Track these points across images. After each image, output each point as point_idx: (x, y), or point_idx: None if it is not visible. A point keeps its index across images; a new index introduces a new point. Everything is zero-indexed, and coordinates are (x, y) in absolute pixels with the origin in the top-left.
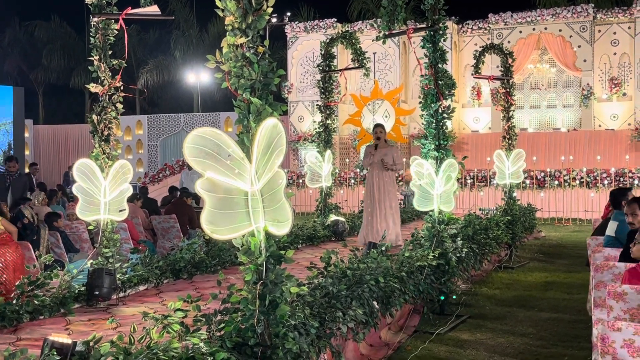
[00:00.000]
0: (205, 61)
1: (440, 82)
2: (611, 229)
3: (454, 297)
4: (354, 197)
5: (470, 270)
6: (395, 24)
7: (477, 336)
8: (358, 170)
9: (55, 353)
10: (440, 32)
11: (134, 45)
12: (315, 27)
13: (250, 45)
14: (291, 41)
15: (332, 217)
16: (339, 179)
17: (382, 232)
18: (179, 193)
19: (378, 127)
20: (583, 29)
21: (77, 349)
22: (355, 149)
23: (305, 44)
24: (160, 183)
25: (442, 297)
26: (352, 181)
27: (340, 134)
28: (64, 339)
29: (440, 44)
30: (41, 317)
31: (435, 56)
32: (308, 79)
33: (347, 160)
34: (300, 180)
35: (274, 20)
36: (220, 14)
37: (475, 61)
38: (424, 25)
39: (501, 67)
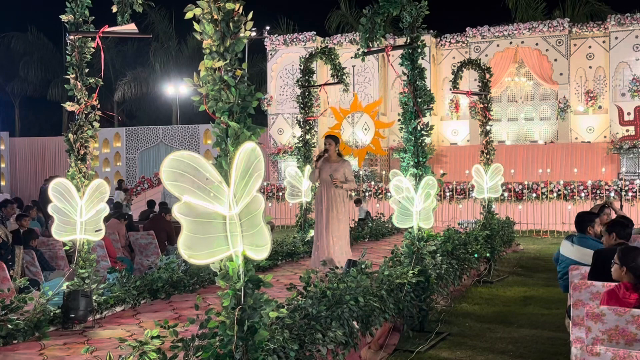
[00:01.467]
0: (184, 73)
1: (419, 100)
2: (580, 253)
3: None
4: None
5: (450, 286)
6: (374, 42)
7: (456, 354)
8: None
9: None
10: (419, 50)
11: (112, 57)
12: (295, 40)
13: (228, 68)
14: (270, 54)
15: (312, 233)
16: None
17: (334, 254)
18: (157, 208)
19: (328, 138)
20: (559, 42)
21: None
22: None
23: (285, 56)
24: (138, 196)
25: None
26: None
27: (319, 147)
28: None
29: (419, 61)
30: (15, 342)
31: (414, 74)
32: (287, 91)
33: None
34: (280, 193)
35: (253, 34)
36: (198, 37)
37: (453, 76)
38: (403, 43)
39: (479, 82)
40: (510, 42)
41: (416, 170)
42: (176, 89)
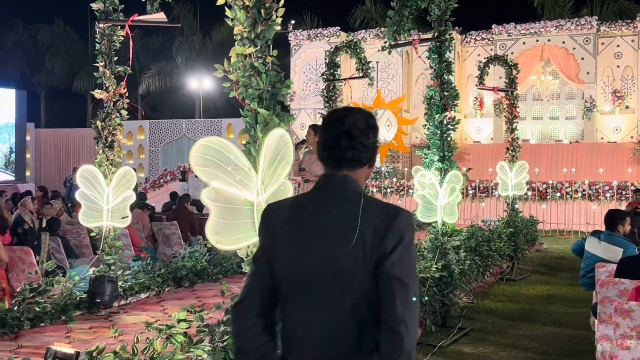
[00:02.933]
0: (208, 67)
1: (445, 94)
2: (607, 250)
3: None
4: None
5: (473, 283)
6: (401, 35)
7: (479, 350)
8: None
9: None
10: (447, 43)
11: (137, 50)
12: (319, 35)
13: (259, 55)
14: (294, 49)
15: None
16: None
17: None
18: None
19: (310, 127)
20: (587, 41)
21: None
22: None
23: (309, 52)
24: (161, 189)
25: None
26: None
27: None
28: (66, 349)
29: (446, 55)
30: (42, 325)
31: (441, 67)
32: (310, 86)
33: None
34: (300, 188)
35: (277, 27)
36: (230, 23)
37: (479, 73)
38: (430, 36)
39: (505, 78)
40: (537, 40)
41: (441, 164)
42: (200, 82)
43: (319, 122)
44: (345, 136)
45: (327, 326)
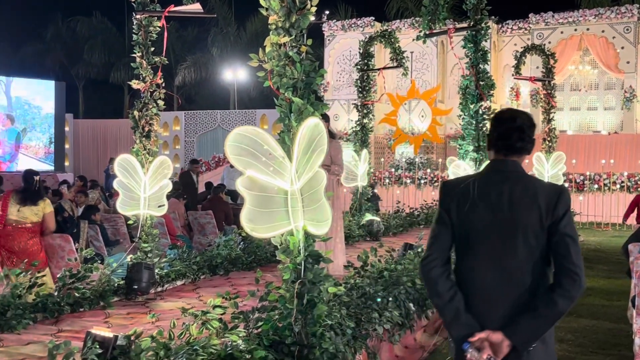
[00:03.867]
0: (243, 58)
1: (481, 83)
2: None
3: None
4: (389, 197)
5: None
6: (436, 24)
7: None
8: (393, 170)
9: (97, 346)
10: (482, 32)
11: (172, 42)
12: (353, 25)
13: (293, 44)
14: (328, 39)
15: (368, 217)
16: (374, 178)
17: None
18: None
19: None
20: (627, 30)
21: (118, 343)
22: (390, 149)
23: (342, 42)
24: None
25: None
26: (387, 181)
27: (375, 133)
28: (105, 332)
29: (482, 44)
30: (81, 310)
31: (476, 56)
32: (344, 77)
33: (382, 159)
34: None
35: (311, 17)
36: (264, 12)
37: (515, 62)
38: (466, 25)
39: (542, 68)
40: (575, 29)
41: (476, 154)
42: (234, 74)
43: (353, 113)
44: (517, 132)
45: (508, 270)
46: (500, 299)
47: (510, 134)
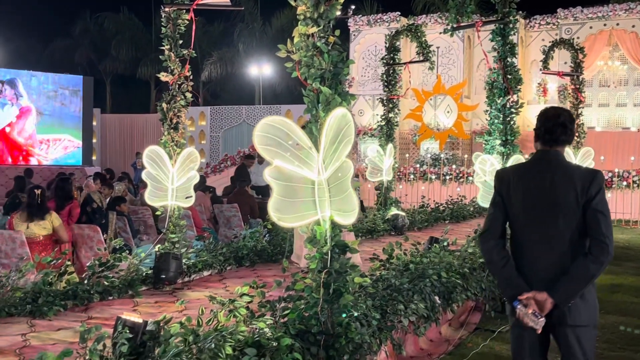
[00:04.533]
0: (268, 54)
1: (508, 77)
2: None
3: None
4: (413, 192)
5: None
6: (464, 17)
7: None
8: (418, 165)
9: (127, 331)
10: (511, 25)
11: (199, 37)
12: (379, 20)
13: (321, 35)
14: (354, 35)
15: (393, 211)
16: (398, 173)
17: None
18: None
19: None
20: None
21: (148, 328)
22: (415, 144)
23: (368, 37)
24: (221, 173)
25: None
26: (412, 176)
27: (400, 128)
28: (135, 318)
29: (510, 38)
30: (110, 298)
31: (504, 49)
32: (369, 72)
33: (407, 155)
34: (358, 174)
35: (339, 7)
36: (293, 3)
37: (543, 56)
38: (494, 18)
39: (571, 63)
40: (605, 24)
41: (504, 148)
42: (260, 69)
43: (378, 109)
44: (561, 127)
45: (551, 242)
46: (545, 265)
47: (555, 129)
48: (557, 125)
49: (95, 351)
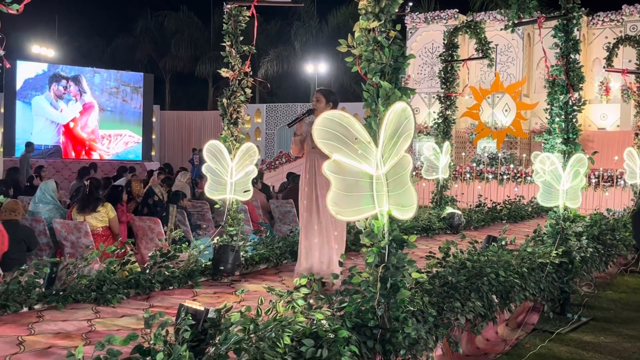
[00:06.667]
0: (324, 52)
1: (571, 74)
2: None
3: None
4: (469, 192)
5: (594, 272)
6: (525, 13)
7: (600, 339)
8: (474, 164)
9: (190, 318)
10: (574, 20)
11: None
12: (436, 17)
13: (382, 29)
14: (410, 32)
15: (448, 210)
16: (454, 172)
17: (327, 261)
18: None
19: (317, 93)
20: None
21: (209, 316)
22: (471, 143)
23: (425, 35)
24: (276, 170)
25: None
26: (468, 175)
27: (456, 127)
28: (197, 306)
29: (574, 33)
30: (171, 288)
31: (567, 45)
32: (426, 70)
33: (463, 154)
34: (413, 173)
35: (400, 2)
36: None
37: (607, 54)
38: (557, 14)
39: (636, 60)
40: None
41: (565, 147)
42: (315, 67)
43: (434, 107)
44: None
45: None
46: None
47: None
48: None
49: (160, 336)
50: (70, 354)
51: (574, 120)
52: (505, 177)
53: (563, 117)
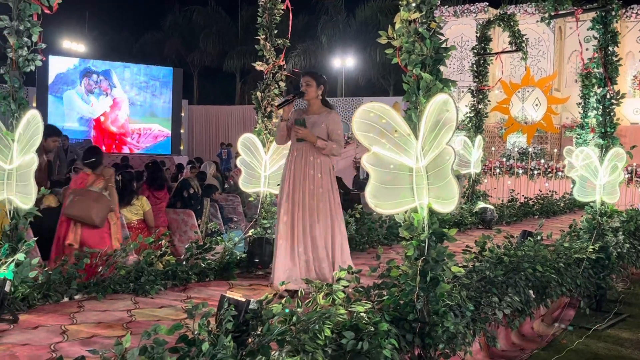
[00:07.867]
0: (351, 46)
1: (609, 66)
2: None
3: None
4: (499, 186)
5: (631, 268)
6: (562, 5)
7: (638, 335)
8: (504, 159)
9: (232, 308)
10: (613, 12)
11: (283, 30)
12: (466, 11)
13: (423, 20)
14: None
15: (480, 204)
16: (484, 167)
17: (324, 269)
18: None
19: (306, 76)
20: None
21: (250, 307)
22: (501, 138)
23: (454, 28)
24: None
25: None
26: (498, 170)
27: (486, 121)
28: (238, 297)
29: (612, 26)
30: (207, 279)
31: (605, 38)
32: (455, 64)
33: (493, 148)
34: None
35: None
36: None
37: None
38: (595, 5)
39: None
40: None
41: (602, 141)
42: (342, 61)
43: (463, 101)
44: None
45: None
46: None
47: None
48: None
49: (204, 326)
50: (118, 343)
51: (611, 114)
52: (535, 172)
53: (600, 110)
